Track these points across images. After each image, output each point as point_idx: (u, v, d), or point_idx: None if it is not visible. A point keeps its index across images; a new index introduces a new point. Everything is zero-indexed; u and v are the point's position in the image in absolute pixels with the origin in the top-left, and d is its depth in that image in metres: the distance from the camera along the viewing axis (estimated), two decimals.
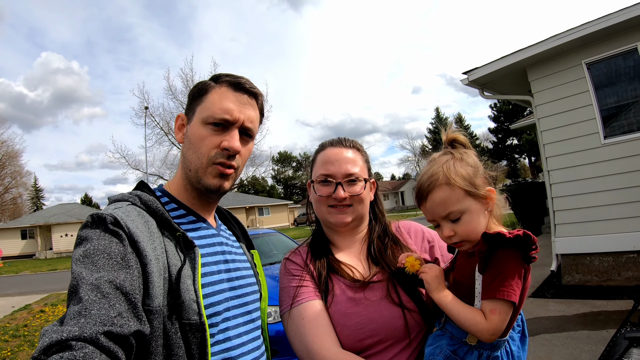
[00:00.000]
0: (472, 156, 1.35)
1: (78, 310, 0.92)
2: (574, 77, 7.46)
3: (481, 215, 1.29)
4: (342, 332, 1.44)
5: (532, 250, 1.18)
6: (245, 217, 52.63)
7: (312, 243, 1.73)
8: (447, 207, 1.28)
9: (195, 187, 1.39)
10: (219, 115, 1.33)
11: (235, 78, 1.40)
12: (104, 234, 1.09)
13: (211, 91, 1.37)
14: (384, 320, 1.43)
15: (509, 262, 1.18)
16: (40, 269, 29.14)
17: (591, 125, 7.25)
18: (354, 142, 1.74)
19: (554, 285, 7.70)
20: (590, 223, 7.25)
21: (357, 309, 1.45)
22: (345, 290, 1.50)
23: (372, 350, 1.42)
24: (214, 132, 1.34)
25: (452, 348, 1.27)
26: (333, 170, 1.61)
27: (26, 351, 7.77)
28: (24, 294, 15.58)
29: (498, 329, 1.17)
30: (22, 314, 11.33)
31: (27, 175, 61.96)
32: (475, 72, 8.48)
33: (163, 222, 1.25)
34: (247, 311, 1.41)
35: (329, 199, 1.61)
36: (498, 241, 1.18)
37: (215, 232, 1.45)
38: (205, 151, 1.33)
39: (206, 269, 1.29)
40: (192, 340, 1.15)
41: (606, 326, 5.35)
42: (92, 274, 0.99)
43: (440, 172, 1.29)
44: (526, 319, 2.25)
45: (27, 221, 47.22)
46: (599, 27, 6.81)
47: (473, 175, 1.29)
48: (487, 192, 1.29)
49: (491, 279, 1.18)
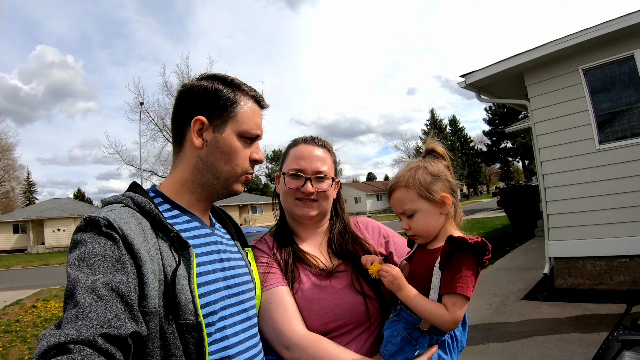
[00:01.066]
0: (438, 165, 1.57)
1: (75, 313, 0.93)
2: (571, 82, 7.52)
3: (434, 216, 1.52)
4: (308, 316, 1.56)
5: (486, 255, 1.38)
6: (239, 215, 52.50)
7: (276, 233, 1.83)
8: (403, 205, 1.54)
9: (216, 192, 1.45)
10: (255, 132, 1.45)
11: (256, 93, 1.51)
12: (98, 236, 1.10)
13: (241, 104, 1.43)
14: (348, 306, 1.58)
15: (468, 264, 1.37)
16: (32, 263, 28.92)
17: (586, 130, 7.31)
18: (325, 143, 1.86)
19: (546, 288, 7.77)
20: (584, 227, 7.32)
21: (323, 295, 1.59)
22: (311, 278, 1.64)
23: (336, 332, 1.56)
24: (246, 144, 1.44)
25: (408, 331, 1.46)
26: (304, 166, 1.73)
27: (18, 347, 7.72)
28: (16, 289, 15.46)
29: (458, 319, 1.37)
30: (13, 309, 11.26)
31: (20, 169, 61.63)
32: (473, 76, 8.53)
33: (157, 223, 1.25)
34: (244, 309, 1.42)
35: (297, 192, 1.72)
36: (460, 245, 1.36)
37: (209, 231, 1.46)
38: (240, 162, 1.43)
39: (201, 269, 1.29)
40: (189, 341, 1.16)
41: (598, 329, 5.39)
42: (87, 277, 1.00)
43: (402, 177, 1.55)
44: (519, 321, 2.26)
45: (19, 215, 46.81)
46: (597, 34, 6.87)
47: (430, 183, 1.51)
48: (441, 198, 1.50)
49: (451, 276, 1.37)
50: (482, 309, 6.91)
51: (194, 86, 1.42)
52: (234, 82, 1.45)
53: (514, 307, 6.94)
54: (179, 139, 1.44)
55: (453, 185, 1.56)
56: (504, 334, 5.79)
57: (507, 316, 6.52)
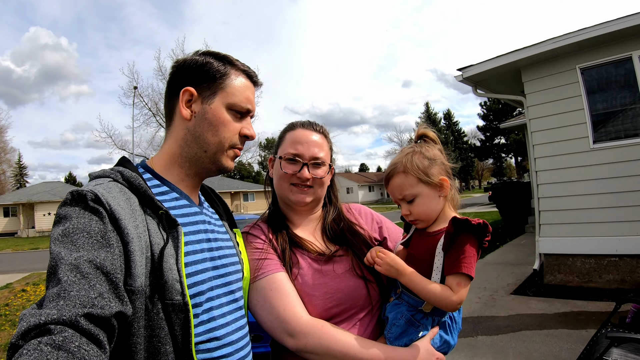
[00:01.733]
0: (433, 150, 1.58)
1: (57, 292, 0.89)
2: (568, 80, 7.54)
3: (434, 200, 1.53)
4: (310, 302, 1.52)
5: (486, 237, 1.40)
6: (231, 202, 52.37)
7: (269, 219, 1.77)
8: (402, 191, 1.54)
9: (204, 166, 1.40)
10: (245, 105, 1.41)
11: (249, 68, 1.46)
12: (84, 211, 1.06)
13: (232, 77, 1.39)
14: (350, 290, 1.57)
15: (471, 244, 1.39)
16: (22, 247, 28.78)
17: (581, 129, 7.35)
18: (322, 128, 1.81)
19: (535, 283, 7.84)
20: (575, 225, 7.39)
21: (325, 279, 1.57)
22: (311, 263, 1.61)
23: (338, 318, 1.54)
24: (235, 118, 1.40)
25: (411, 313, 1.48)
26: (301, 151, 1.68)
27: (7, 331, 7.69)
28: (5, 272, 15.42)
29: (463, 298, 1.39)
30: (3, 293, 11.24)
31: (11, 151, 61.05)
32: (470, 70, 8.53)
33: (146, 199, 1.21)
34: (230, 291, 1.39)
35: (293, 177, 1.68)
36: (464, 226, 1.38)
37: (198, 209, 1.43)
38: (229, 135, 1.39)
39: (189, 248, 1.26)
40: (175, 321, 1.13)
41: (586, 326, 5.46)
42: (71, 254, 0.96)
43: (400, 162, 1.55)
44: (508, 315, 2.21)
45: (9, 199, 46.43)
46: (596, 33, 6.88)
47: (428, 166, 1.52)
48: (440, 181, 1.52)
49: (455, 257, 1.38)
50: (472, 302, 6.96)
51: (186, 60, 1.41)
52: (226, 57, 1.43)
53: (503, 302, 7.00)
54: (170, 114, 1.42)
55: (448, 168, 1.59)
56: (493, 327, 5.84)
57: (496, 310, 6.57)
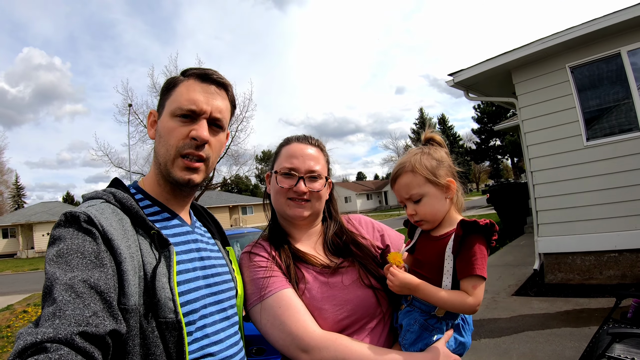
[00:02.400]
0: (440, 152, 1.60)
1: (52, 311, 0.91)
2: (558, 80, 7.61)
3: (440, 201, 1.54)
4: (320, 315, 1.50)
5: (494, 236, 1.42)
6: (229, 216, 52.38)
7: (270, 235, 1.76)
8: (410, 190, 1.54)
9: (167, 180, 1.38)
10: (186, 107, 1.34)
11: (202, 70, 1.41)
12: (78, 232, 1.08)
13: (179, 84, 1.38)
14: (359, 300, 1.55)
15: (480, 245, 1.39)
16: (22, 268, 28.62)
17: (574, 127, 7.40)
18: (318, 142, 1.81)
19: (536, 283, 7.84)
20: (573, 223, 7.40)
21: (333, 292, 1.55)
22: (317, 277, 1.59)
23: (350, 329, 1.52)
24: (182, 123, 1.34)
25: (424, 318, 1.48)
26: (297, 165, 1.67)
27: (9, 352, 7.62)
28: (6, 294, 15.32)
29: (481, 300, 1.39)
30: (4, 315, 11.16)
31: (8, 172, 60.89)
32: (461, 74, 8.58)
33: (137, 220, 1.24)
34: (223, 308, 1.40)
35: (289, 192, 1.66)
36: (473, 228, 1.39)
37: (189, 229, 1.45)
38: (173, 142, 1.33)
39: (181, 267, 1.28)
40: (169, 339, 1.14)
41: (589, 323, 5.45)
42: (65, 274, 0.98)
43: (408, 162, 1.56)
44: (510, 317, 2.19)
45: (8, 220, 46.22)
46: (584, 31, 6.95)
47: (436, 167, 1.53)
48: (447, 182, 1.53)
49: (467, 259, 1.38)
50: None
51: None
52: (185, 69, 1.43)
53: (504, 303, 6.99)
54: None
55: (455, 171, 1.60)
56: (495, 329, 5.83)
57: (498, 312, 6.56)
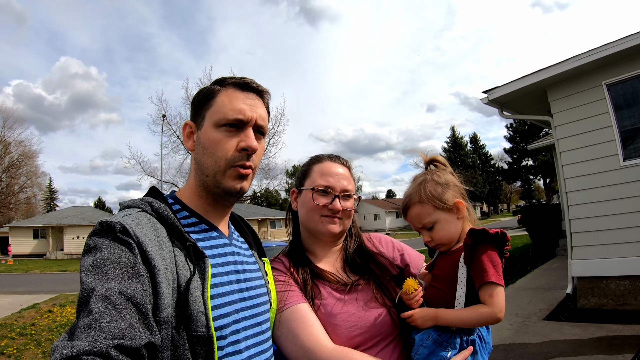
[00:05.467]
0: (444, 174, 1.62)
1: (88, 322, 0.92)
2: (594, 98, 7.39)
3: (452, 223, 1.57)
4: (334, 331, 1.53)
5: (506, 246, 1.44)
6: (258, 229, 52.34)
7: (290, 252, 1.80)
8: (421, 220, 1.59)
9: (213, 192, 1.37)
10: (232, 116, 1.32)
11: (240, 79, 1.41)
12: (114, 242, 1.08)
13: (219, 94, 1.37)
14: (373, 318, 1.56)
15: (492, 253, 1.41)
16: (50, 269, 29.39)
17: (610, 146, 7.16)
18: (347, 162, 1.86)
19: (568, 308, 7.56)
20: (608, 246, 7.12)
21: (347, 308, 1.57)
22: (332, 293, 1.62)
23: (362, 347, 1.53)
24: (229, 133, 1.33)
25: (437, 333, 1.47)
26: (332, 183, 1.72)
27: (32, 350, 7.78)
28: (33, 292, 15.71)
29: (501, 307, 1.38)
30: (30, 313, 11.40)
31: (42, 176, 62.84)
32: (495, 92, 8.46)
33: (174, 230, 1.23)
34: (258, 322, 1.38)
35: (324, 209, 1.70)
36: (482, 236, 1.42)
37: (227, 241, 1.43)
38: (222, 154, 1.32)
39: (216, 280, 1.27)
40: (199, 353, 1.13)
41: (622, 351, 5.23)
42: (102, 285, 0.99)
43: (414, 193, 1.60)
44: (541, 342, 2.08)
45: (39, 221, 47.81)
46: (620, 48, 6.76)
47: (442, 193, 1.56)
48: (455, 204, 1.56)
49: (480, 268, 1.40)
50: (503, 329, 6.73)
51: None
52: (220, 79, 1.42)
53: (535, 328, 6.76)
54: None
55: (462, 189, 1.62)
56: (525, 354, 5.64)
57: (528, 337, 6.35)
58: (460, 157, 77.97)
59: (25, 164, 51.59)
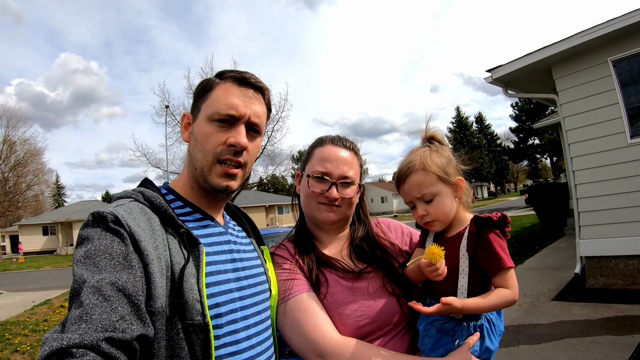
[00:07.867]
0: (446, 150, 1.56)
1: (79, 315, 0.91)
2: (600, 74, 7.26)
3: (451, 200, 1.51)
4: (340, 321, 1.48)
5: (506, 228, 1.42)
6: (265, 215, 53.09)
7: (296, 238, 1.75)
8: (422, 189, 1.49)
9: (202, 186, 1.36)
10: (224, 111, 1.30)
11: (239, 73, 1.39)
12: (105, 233, 1.07)
13: (216, 87, 1.35)
14: (382, 307, 1.52)
15: (499, 239, 1.39)
16: (61, 264, 29.62)
17: (617, 124, 7.05)
18: (353, 145, 1.75)
19: (577, 288, 7.53)
20: (616, 225, 7.06)
21: (355, 297, 1.52)
22: (339, 281, 1.57)
23: (372, 335, 1.49)
24: (220, 128, 1.31)
25: (441, 322, 1.44)
26: (330, 169, 1.64)
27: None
28: (45, 289, 15.86)
29: (517, 289, 1.38)
30: (42, 309, 11.52)
31: (48, 172, 62.85)
32: (499, 70, 8.34)
33: (167, 218, 1.22)
34: (257, 311, 1.37)
35: (320, 197, 1.63)
36: (488, 223, 1.39)
37: (222, 229, 1.42)
38: (210, 148, 1.30)
39: (212, 268, 1.25)
40: (195, 342, 1.12)
41: (632, 331, 5.21)
42: (93, 276, 0.98)
43: (417, 160, 1.51)
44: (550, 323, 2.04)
45: (48, 218, 48.22)
46: (626, 23, 6.62)
47: (446, 165, 1.50)
48: (457, 181, 1.51)
49: (493, 256, 1.37)
50: (512, 310, 6.71)
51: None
52: (221, 72, 1.40)
53: (544, 308, 6.75)
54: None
55: (460, 170, 1.57)
56: (535, 335, 5.63)
57: (537, 317, 6.35)
58: (466, 138, 77.52)
59: (32, 161, 51.62)
